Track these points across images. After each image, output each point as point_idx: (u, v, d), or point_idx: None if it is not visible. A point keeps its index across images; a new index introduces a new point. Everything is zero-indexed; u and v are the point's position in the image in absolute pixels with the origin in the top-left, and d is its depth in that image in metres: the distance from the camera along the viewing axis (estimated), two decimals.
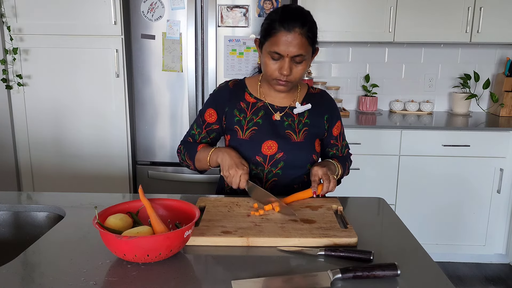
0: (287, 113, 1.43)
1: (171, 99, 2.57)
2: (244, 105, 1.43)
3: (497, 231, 2.69)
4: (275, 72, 1.30)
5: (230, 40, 2.47)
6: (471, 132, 2.58)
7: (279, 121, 1.41)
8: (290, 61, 1.28)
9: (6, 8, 2.48)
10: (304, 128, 1.42)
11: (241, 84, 1.47)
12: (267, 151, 1.39)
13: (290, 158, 1.39)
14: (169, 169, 2.64)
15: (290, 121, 1.42)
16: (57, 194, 1.39)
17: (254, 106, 1.43)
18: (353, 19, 2.76)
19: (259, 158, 1.39)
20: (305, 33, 1.26)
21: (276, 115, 1.42)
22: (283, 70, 1.28)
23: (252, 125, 1.40)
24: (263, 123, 1.41)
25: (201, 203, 1.26)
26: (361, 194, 2.63)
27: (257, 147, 1.39)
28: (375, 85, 3.13)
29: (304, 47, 1.27)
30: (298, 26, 1.25)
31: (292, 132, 1.41)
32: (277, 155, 1.39)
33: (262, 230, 1.07)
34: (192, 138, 1.49)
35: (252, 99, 1.44)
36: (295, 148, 1.40)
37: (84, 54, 2.55)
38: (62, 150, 2.67)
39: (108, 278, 0.88)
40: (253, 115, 1.41)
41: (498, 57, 3.12)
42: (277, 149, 1.39)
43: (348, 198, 1.38)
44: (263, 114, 1.42)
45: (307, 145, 1.42)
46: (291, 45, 1.25)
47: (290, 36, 1.25)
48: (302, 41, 1.26)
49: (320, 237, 1.03)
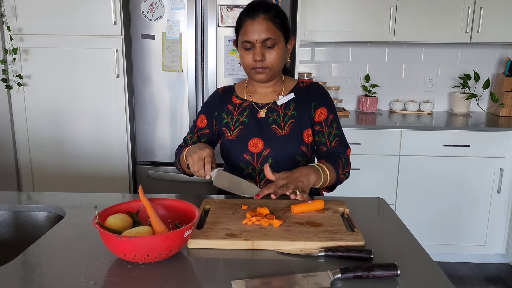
0: (271, 108, 1.45)
1: (171, 99, 2.57)
2: (231, 107, 1.48)
3: (497, 231, 2.69)
4: (250, 62, 1.36)
5: (230, 40, 2.47)
6: (471, 132, 2.58)
7: (264, 118, 1.44)
8: (261, 47, 1.34)
9: (6, 8, 2.48)
10: (290, 120, 1.43)
11: (230, 89, 1.54)
12: (254, 148, 1.41)
13: (277, 153, 1.41)
14: (169, 169, 2.64)
15: (275, 116, 1.44)
16: (57, 194, 1.39)
17: (240, 107, 1.48)
18: (353, 19, 2.76)
19: (247, 156, 1.42)
20: (270, 18, 1.33)
21: (261, 112, 1.44)
22: (256, 56, 1.33)
23: (238, 125, 1.45)
24: (248, 121, 1.44)
25: (206, 205, 1.25)
26: (361, 194, 2.64)
27: (244, 146, 1.42)
28: (375, 85, 3.13)
29: (272, 31, 1.33)
30: (262, 12, 1.33)
31: (277, 126, 1.43)
32: (264, 152, 1.41)
33: (267, 233, 1.06)
34: (185, 143, 1.54)
35: (238, 100, 1.49)
36: (280, 142, 1.41)
37: (84, 54, 2.55)
38: (62, 150, 2.67)
39: (108, 278, 0.88)
40: (239, 115, 1.46)
41: (498, 57, 3.12)
42: (263, 146, 1.41)
43: (348, 198, 1.38)
44: (248, 113, 1.45)
45: (293, 137, 1.42)
46: (258, 31, 1.32)
47: (256, 23, 1.33)
48: (268, 25, 1.33)
49: (326, 241, 1.01)
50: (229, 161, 1.49)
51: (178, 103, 2.57)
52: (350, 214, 1.21)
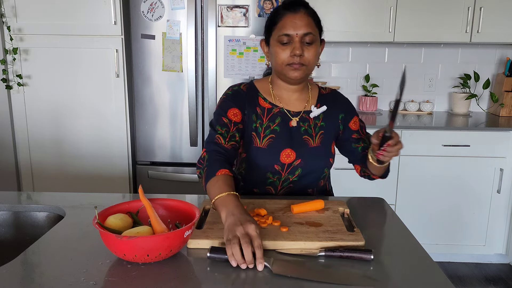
0: (303, 117, 1.38)
1: (171, 99, 2.57)
2: (260, 111, 1.37)
3: (497, 231, 2.69)
4: (287, 57, 1.28)
5: (230, 40, 2.47)
6: (471, 132, 2.58)
7: (295, 127, 1.37)
8: (300, 41, 1.27)
9: (6, 8, 2.48)
10: (320, 131, 1.39)
11: (253, 87, 1.41)
12: (286, 159, 1.35)
13: (308, 164, 1.37)
14: (169, 169, 2.64)
15: (307, 126, 1.38)
16: (57, 194, 1.39)
17: (270, 112, 1.37)
18: (353, 19, 2.76)
19: (277, 167, 1.36)
20: (310, 14, 1.29)
21: (293, 121, 1.37)
22: (296, 50, 1.26)
23: (269, 133, 1.35)
24: (280, 130, 1.36)
25: (206, 205, 1.25)
26: (361, 194, 2.63)
27: (276, 156, 1.34)
28: (375, 85, 3.13)
29: (312, 26, 1.28)
30: (303, 7, 1.29)
31: (309, 137, 1.37)
32: (295, 163, 1.36)
33: (267, 233, 1.05)
34: (222, 137, 1.28)
35: (267, 104, 1.38)
36: (312, 154, 1.37)
37: (84, 54, 2.55)
38: (62, 150, 2.67)
39: (108, 278, 0.88)
40: (270, 122, 1.36)
41: (498, 57, 3.12)
42: (295, 157, 1.35)
43: (348, 198, 1.38)
44: (280, 120, 1.36)
45: (324, 149, 1.39)
46: (299, 25, 1.26)
47: (297, 16, 1.27)
48: (309, 20, 1.28)
49: (327, 241, 1.01)
50: (254, 169, 1.38)
51: (178, 103, 2.57)
52: (350, 214, 1.20)
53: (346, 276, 0.90)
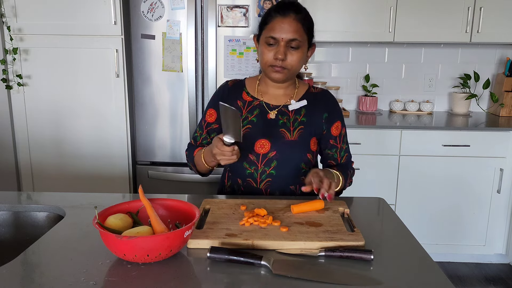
0: (282, 111, 1.42)
1: (171, 99, 2.57)
2: (240, 104, 1.44)
3: (497, 231, 2.69)
4: (271, 59, 1.33)
5: (230, 40, 2.47)
6: (471, 132, 2.58)
7: (273, 119, 1.41)
8: (285, 46, 1.31)
9: (6, 8, 2.48)
10: (299, 126, 1.41)
11: (240, 83, 1.49)
12: (260, 149, 1.39)
13: (283, 157, 1.39)
14: (169, 169, 2.64)
15: (285, 119, 1.41)
16: (57, 194, 1.39)
17: (250, 105, 1.44)
18: (353, 19, 2.76)
19: (252, 156, 1.40)
20: (300, 19, 1.31)
21: (271, 113, 1.42)
22: (278, 54, 1.31)
23: (246, 123, 1.41)
24: (257, 121, 1.41)
25: (206, 205, 1.25)
26: (361, 194, 2.63)
27: (250, 146, 1.39)
28: (375, 85, 3.13)
29: (299, 33, 1.31)
30: (293, 12, 1.31)
31: (286, 130, 1.40)
32: (270, 154, 1.39)
33: (267, 233, 1.05)
34: (194, 140, 1.52)
35: (249, 97, 1.45)
36: (288, 147, 1.39)
37: (84, 54, 2.55)
38: (62, 150, 2.67)
39: (108, 278, 0.88)
40: (248, 114, 1.42)
41: (498, 57, 3.12)
42: (270, 148, 1.39)
43: (348, 198, 1.38)
44: (258, 112, 1.42)
45: (301, 143, 1.40)
46: (286, 30, 1.30)
47: (285, 21, 1.30)
48: (297, 26, 1.31)
49: (326, 241, 1.01)
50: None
51: (178, 103, 2.57)
52: (350, 214, 1.20)
53: (346, 276, 0.90)
